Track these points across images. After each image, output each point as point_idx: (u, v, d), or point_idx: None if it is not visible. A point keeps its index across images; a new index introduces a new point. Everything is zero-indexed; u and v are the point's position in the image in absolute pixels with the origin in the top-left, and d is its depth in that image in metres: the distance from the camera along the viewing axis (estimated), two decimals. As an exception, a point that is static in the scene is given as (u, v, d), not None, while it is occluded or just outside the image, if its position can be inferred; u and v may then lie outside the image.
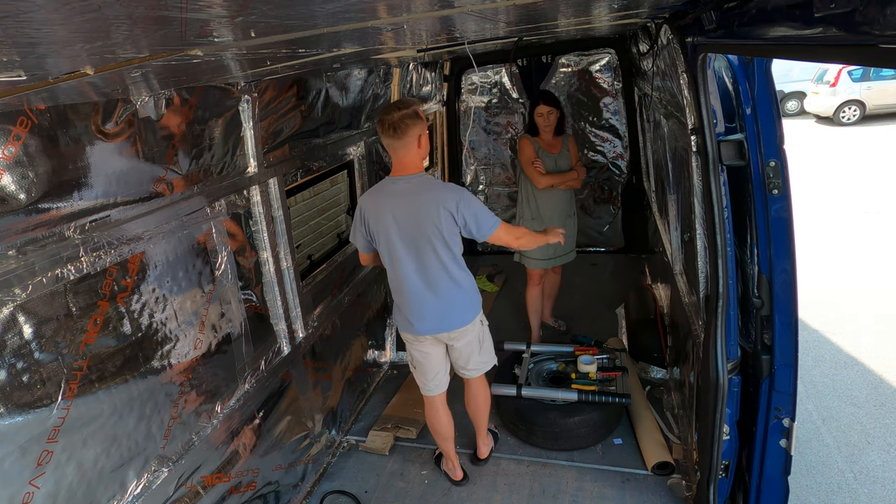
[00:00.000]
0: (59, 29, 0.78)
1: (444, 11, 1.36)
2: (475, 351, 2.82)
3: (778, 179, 2.00)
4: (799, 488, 3.22)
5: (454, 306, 2.64)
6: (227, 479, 2.44)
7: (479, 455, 3.23)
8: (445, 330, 2.68)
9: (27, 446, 1.57)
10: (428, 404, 2.98)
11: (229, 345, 2.49)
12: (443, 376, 2.91)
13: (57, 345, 1.66)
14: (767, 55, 1.78)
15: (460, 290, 2.62)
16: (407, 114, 2.39)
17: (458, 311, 2.66)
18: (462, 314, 2.68)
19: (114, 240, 1.83)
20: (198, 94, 2.21)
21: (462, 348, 2.79)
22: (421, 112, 2.46)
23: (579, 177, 3.92)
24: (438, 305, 2.61)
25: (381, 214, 2.52)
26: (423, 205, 2.45)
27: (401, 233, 2.50)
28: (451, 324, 2.67)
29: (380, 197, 2.54)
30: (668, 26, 2.29)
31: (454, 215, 2.45)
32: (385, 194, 2.52)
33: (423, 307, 2.62)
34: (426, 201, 2.44)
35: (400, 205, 2.47)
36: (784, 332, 2.13)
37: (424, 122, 2.47)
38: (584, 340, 4.25)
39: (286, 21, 1.06)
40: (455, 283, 2.59)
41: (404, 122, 2.38)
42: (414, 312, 2.65)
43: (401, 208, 2.47)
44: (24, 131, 1.53)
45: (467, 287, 2.65)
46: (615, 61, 5.43)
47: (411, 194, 2.46)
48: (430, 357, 2.83)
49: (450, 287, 2.59)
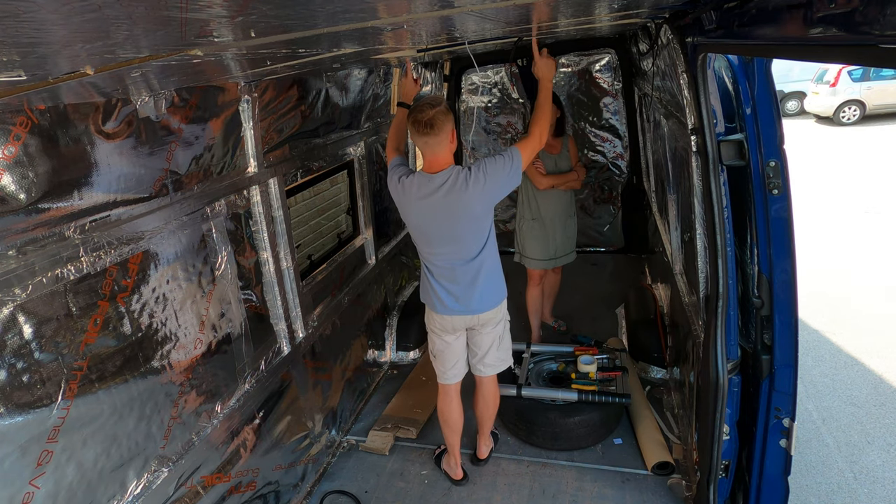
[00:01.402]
0: (59, 29, 0.77)
1: (444, 11, 1.36)
2: (496, 345, 2.87)
3: (778, 179, 2.00)
4: (799, 488, 3.22)
5: (485, 286, 2.69)
6: (227, 479, 2.44)
7: (479, 455, 3.25)
8: (475, 312, 2.73)
9: (27, 446, 1.57)
10: (442, 393, 3.00)
11: (229, 345, 2.49)
12: (461, 365, 2.95)
13: (57, 345, 1.66)
14: (767, 55, 1.78)
15: (491, 270, 2.70)
16: (440, 110, 2.42)
17: (488, 291, 2.71)
18: (491, 296, 2.73)
19: (114, 240, 1.83)
20: (198, 94, 2.20)
21: (485, 337, 2.83)
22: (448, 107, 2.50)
23: (579, 177, 3.92)
24: (468, 287, 2.67)
25: (414, 214, 2.60)
26: (456, 202, 2.49)
27: (440, 226, 2.56)
28: (482, 305, 2.72)
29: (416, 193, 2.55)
30: (668, 26, 2.29)
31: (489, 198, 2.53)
32: (423, 194, 2.53)
33: (458, 288, 2.68)
34: (459, 199, 2.48)
35: (436, 203, 2.51)
36: (784, 332, 2.13)
37: (453, 116, 2.50)
38: (584, 340, 4.25)
39: (286, 21, 1.06)
40: (487, 264, 2.66)
41: (438, 119, 2.41)
42: (449, 293, 2.70)
43: (438, 205, 2.51)
44: (24, 131, 1.53)
45: (496, 265, 2.72)
46: (615, 61, 5.43)
47: (447, 195, 2.49)
48: (452, 346, 2.87)
49: (482, 267, 2.65)
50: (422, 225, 2.60)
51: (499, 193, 2.57)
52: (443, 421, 3.06)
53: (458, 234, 2.56)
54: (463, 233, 2.56)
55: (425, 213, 2.55)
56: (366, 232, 4.05)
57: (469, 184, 2.46)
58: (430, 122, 2.40)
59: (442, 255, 2.63)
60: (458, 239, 2.58)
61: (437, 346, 2.90)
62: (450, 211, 2.50)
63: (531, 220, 3.98)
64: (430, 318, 2.86)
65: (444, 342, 2.86)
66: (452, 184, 2.48)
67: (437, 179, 2.49)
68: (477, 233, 2.59)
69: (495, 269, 2.72)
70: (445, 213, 2.51)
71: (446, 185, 2.48)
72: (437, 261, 2.66)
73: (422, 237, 2.66)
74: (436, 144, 2.46)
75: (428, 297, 2.80)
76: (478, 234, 2.60)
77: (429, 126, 2.40)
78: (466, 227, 2.55)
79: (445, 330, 2.82)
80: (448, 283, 2.68)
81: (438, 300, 2.73)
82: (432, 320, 2.84)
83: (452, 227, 2.54)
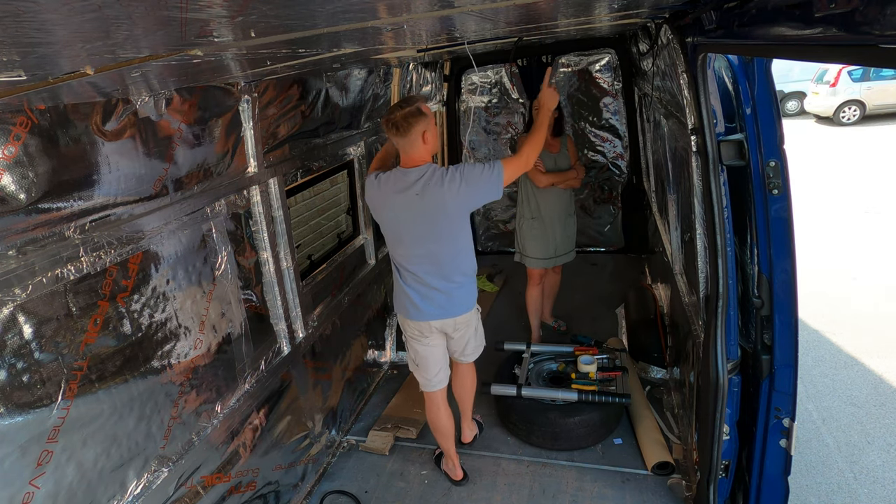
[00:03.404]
0: (59, 29, 0.77)
1: (444, 11, 1.36)
2: (472, 337, 2.91)
3: (778, 179, 2.00)
4: (799, 488, 3.22)
5: (460, 292, 2.70)
6: (227, 479, 2.44)
7: (463, 439, 3.34)
8: (450, 316, 2.72)
9: (27, 446, 1.57)
10: (428, 401, 3.00)
11: (229, 345, 2.49)
12: (444, 372, 2.95)
13: (57, 345, 1.66)
14: (767, 55, 1.78)
15: (465, 276, 2.70)
16: (410, 111, 2.43)
17: (462, 297, 2.72)
18: (465, 300, 2.74)
19: (114, 240, 1.83)
20: (198, 94, 2.21)
21: (462, 335, 2.85)
22: (425, 108, 2.49)
23: (578, 176, 3.94)
24: (443, 293, 2.67)
25: (389, 208, 2.59)
26: (430, 204, 2.49)
27: (413, 226, 2.56)
28: (457, 309, 2.72)
29: (388, 189, 2.56)
30: (668, 26, 2.29)
31: (463, 202, 2.52)
32: (394, 189, 2.54)
33: (433, 292, 2.67)
34: (433, 200, 2.49)
35: (408, 202, 2.52)
36: (784, 332, 2.13)
37: (429, 117, 2.49)
38: (584, 340, 4.25)
39: (286, 21, 1.06)
40: (462, 270, 2.67)
41: (407, 121, 2.43)
42: (424, 297, 2.68)
43: (410, 204, 2.51)
44: (24, 131, 1.53)
45: (470, 271, 2.73)
46: (615, 61, 5.43)
47: (420, 193, 2.49)
48: (434, 351, 2.86)
49: (456, 273, 2.66)
50: (397, 221, 2.58)
51: (474, 201, 2.56)
52: (434, 429, 3.07)
53: (434, 234, 2.54)
54: (439, 233, 2.54)
55: (400, 209, 2.54)
56: (366, 232, 4.05)
57: (445, 182, 2.46)
58: (396, 123, 2.43)
59: (416, 258, 2.61)
60: (433, 239, 2.55)
61: (418, 353, 2.87)
62: (425, 210, 2.49)
63: (531, 219, 3.99)
64: (405, 326, 2.83)
65: (424, 346, 2.84)
66: (427, 180, 2.47)
67: (412, 175, 2.50)
68: (452, 236, 2.57)
69: (469, 270, 2.71)
70: (420, 211, 2.50)
71: (421, 181, 2.48)
72: (411, 265, 2.64)
73: (395, 237, 2.64)
74: (406, 144, 2.48)
75: (401, 303, 2.77)
76: (453, 238, 2.58)
77: (395, 127, 2.44)
78: (442, 227, 2.53)
79: (423, 333, 2.80)
80: (423, 286, 2.65)
81: (413, 306, 2.70)
82: (408, 327, 2.82)
83: (428, 227, 2.53)
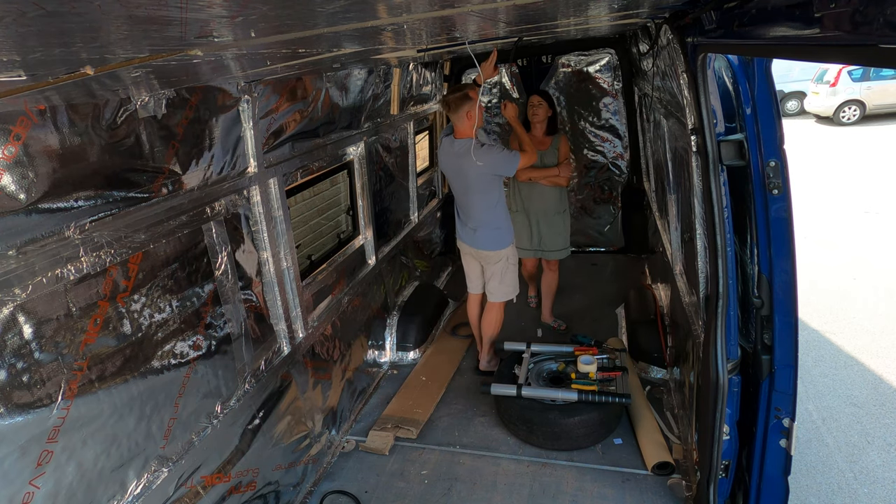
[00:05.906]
0: (58, 29, 0.77)
1: (444, 11, 1.36)
2: (497, 279, 3.79)
3: (778, 179, 2.00)
4: (799, 488, 3.22)
5: (482, 233, 3.64)
6: (227, 479, 2.44)
7: (480, 367, 4.10)
8: (475, 247, 3.72)
9: (27, 446, 1.57)
10: (468, 299, 4.11)
11: (229, 345, 2.49)
12: (477, 282, 3.99)
13: (57, 345, 1.66)
14: (767, 55, 1.78)
15: (488, 226, 3.61)
16: (460, 95, 3.35)
17: (484, 238, 3.65)
18: (486, 242, 3.66)
19: (114, 240, 1.83)
20: (198, 93, 2.20)
21: (488, 269, 3.81)
22: (472, 93, 3.34)
23: (561, 174, 4.07)
24: (472, 229, 3.68)
25: (446, 163, 3.59)
26: (466, 165, 3.40)
27: (457, 179, 3.57)
28: (479, 244, 3.69)
29: (446, 150, 3.54)
30: (668, 26, 2.29)
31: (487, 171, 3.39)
32: (449, 151, 3.51)
33: (465, 227, 3.74)
34: (468, 164, 3.37)
35: (455, 161, 3.47)
36: (784, 332, 2.13)
37: (474, 100, 3.32)
38: (584, 340, 4.25)
39: (286, 21, 1.06)
40: (484, 219, 3.59)
41: (456, 102, 3.35)
42: (462, 227, 3.77)
43: (456, 163, 3.47)
44: (24, 131, 1.53)
45: (493, 225, 3.61)
46: (615, 61, 5.43)
47: (460, 156, 3.41)
48: (469, 266, 3.96)
49: (481, 220, 3.61)
50: (450, 174, 3.61)
51: (492, 171, 3.41)
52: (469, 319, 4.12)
53: (467, 187, 3.52)
54: (469, 187, 3.50)
55: (451, 166, 3.53)
56: (366, 232, 4.05)
57: (473, 155, 3.34)
58: (449, 102, 3.40)
59: (459, 201, 3.70)
60: (464, 192, 3.57)
61: (464, 263, 3.99)
62: (461, 171, 3.47)
63: (516, 211, 4.30)
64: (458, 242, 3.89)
65: (464, 260, 3.97)
66: (465, 151, 3.38)
67: (457, 144, 3.46)
68: (478, 192, 3.50)
69: (492, 224, 3.60)
70: (459, 171, 3.49)
71: (462, 150, 3.41)
72: (458, 204, 3.73)
73: (450, 184, 3.69)
74: (455, 119, 3.42)
75: (457, 227, 3.83)
76: (479, 193, 3.50)
77: (448, 106, 3.41)
78: (471, 184, 3.48)
79: (462, 251, 3.90)
80: (461, 220, 3.75)
81: (460, 230, 3.80)
82: (459, 243, 3.87)
83: (464, 182, 3.51)
